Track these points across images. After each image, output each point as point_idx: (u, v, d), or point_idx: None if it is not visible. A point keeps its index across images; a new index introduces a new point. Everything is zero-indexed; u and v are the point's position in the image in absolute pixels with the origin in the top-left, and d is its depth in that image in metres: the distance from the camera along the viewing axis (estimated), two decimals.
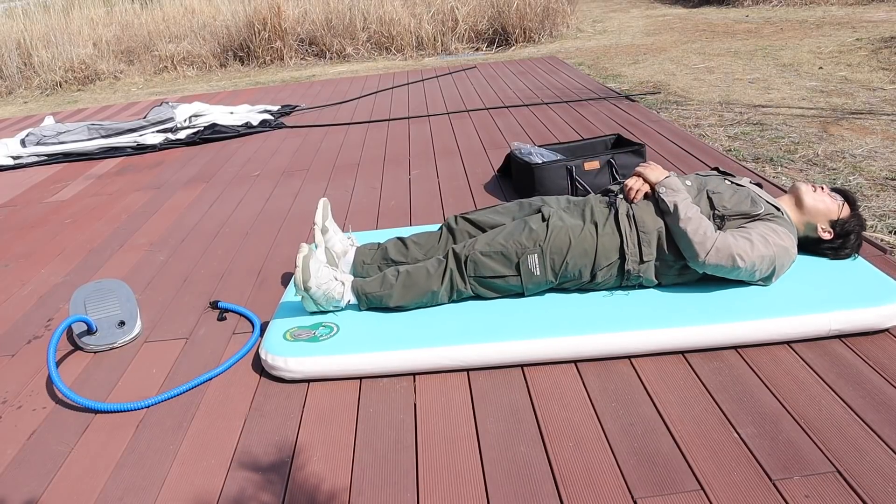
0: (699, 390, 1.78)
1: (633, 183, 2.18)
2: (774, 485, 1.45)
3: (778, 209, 2.12)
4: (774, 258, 2.00)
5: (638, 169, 2.21)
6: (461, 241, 2.32)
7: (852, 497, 1.40)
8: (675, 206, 2.06)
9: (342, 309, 2.18)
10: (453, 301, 2.16)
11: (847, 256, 2.18)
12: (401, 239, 2.38)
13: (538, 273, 2.09)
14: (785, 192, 2.99)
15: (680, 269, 2.09)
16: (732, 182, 2.22)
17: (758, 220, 2.07)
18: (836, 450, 1.53)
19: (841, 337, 1.95)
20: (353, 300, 2.17)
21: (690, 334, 1.91)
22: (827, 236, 2.16)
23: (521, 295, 2.16)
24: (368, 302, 2.15)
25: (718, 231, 2.03)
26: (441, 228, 2.38)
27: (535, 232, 2.11)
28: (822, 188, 2.19)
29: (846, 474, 1.46)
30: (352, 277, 2.21)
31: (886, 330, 1.97)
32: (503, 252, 2.09)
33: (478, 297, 2.15)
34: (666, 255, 2.08)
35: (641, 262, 2.08)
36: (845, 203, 2.17)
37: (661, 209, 2.10)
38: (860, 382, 1.75)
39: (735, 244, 1.98)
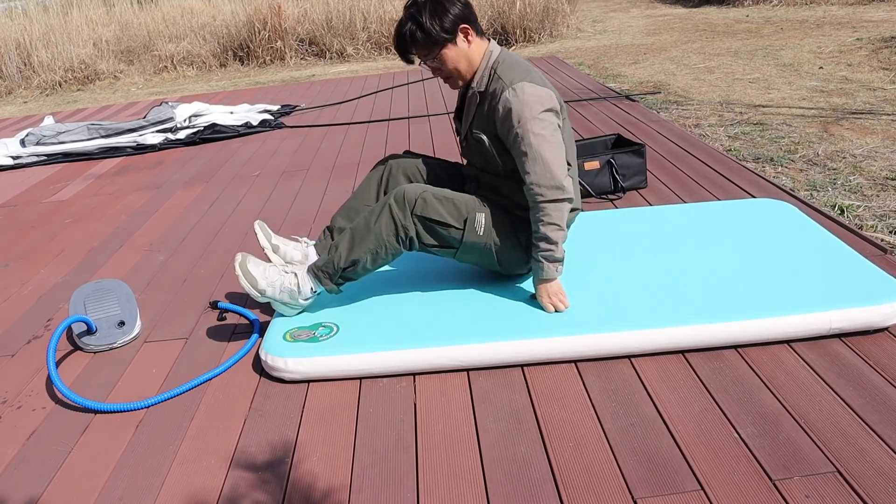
0: (699, 390, 1.78)
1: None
2: (775, 485, 1.45)
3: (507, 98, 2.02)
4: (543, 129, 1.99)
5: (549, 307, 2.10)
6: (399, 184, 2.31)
7: (852, 497, 1.40)
8: (554, 241, 2.04)
9: (313, 297, 2.16)
10: (403, 244, 2.09)
11: None
12: (343, 206, 2.37)
13: (481, 233, 2.10)
14: (784, 191, 2.99)
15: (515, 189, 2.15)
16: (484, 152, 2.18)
17: (514, 146, 2.04)
18: (837, 450, 1.53)
19: (841, 337, 1.95)
20: (315, 286, 2.15)
21: (690, 334, 1.91)
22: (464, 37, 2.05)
23: (453, 252, 2.14)
24: (329, 276, 2.12)
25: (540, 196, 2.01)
26: (382, 171, 2.33)
27: (482, 195, 2.18)
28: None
29: (846, 474, 1.46)
30: (305, 265, 2.20)
31: (886, 329, 1.96)
32: (454, 202, 2.10)
33: (420, 243, 2.11)
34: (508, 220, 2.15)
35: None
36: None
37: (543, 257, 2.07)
38: (860, 382, 1.75)
39: (540, 164, 1.99)
